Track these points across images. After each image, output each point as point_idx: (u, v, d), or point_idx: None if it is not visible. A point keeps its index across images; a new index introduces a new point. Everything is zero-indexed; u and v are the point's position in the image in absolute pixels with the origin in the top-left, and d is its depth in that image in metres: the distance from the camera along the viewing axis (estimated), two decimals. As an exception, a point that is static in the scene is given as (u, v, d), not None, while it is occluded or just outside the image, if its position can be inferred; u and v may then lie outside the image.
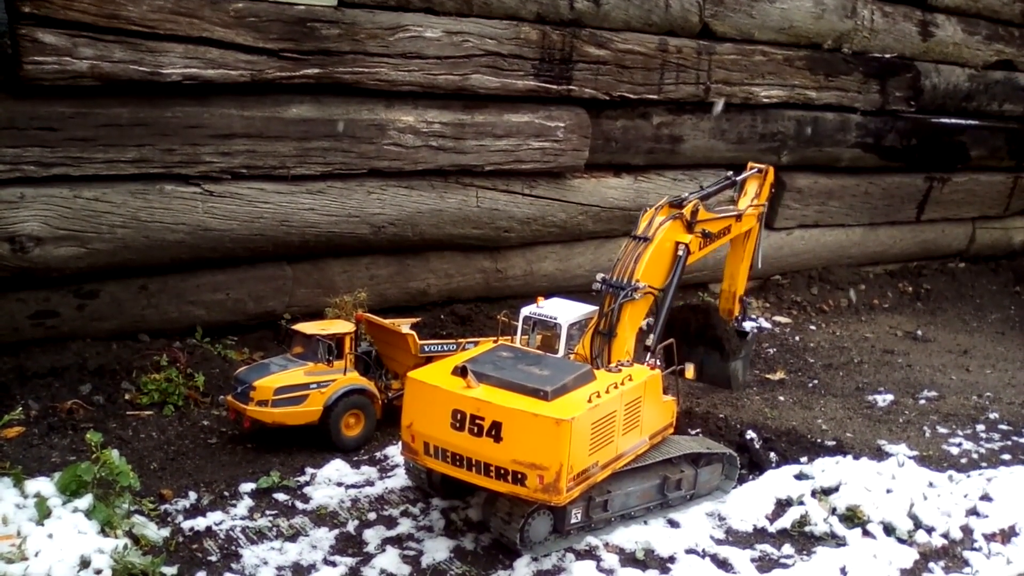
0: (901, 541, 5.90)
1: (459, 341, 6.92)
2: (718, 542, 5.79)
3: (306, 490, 6.02)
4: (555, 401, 5.16)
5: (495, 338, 6.16)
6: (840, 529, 5.95)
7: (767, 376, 8.81)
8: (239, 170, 7.47)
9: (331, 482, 6.12)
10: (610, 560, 5.43)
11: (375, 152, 8.01)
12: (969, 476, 6.75)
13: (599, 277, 5.92)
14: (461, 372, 5.22)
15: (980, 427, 7.96)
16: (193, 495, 5.84)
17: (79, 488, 5.23)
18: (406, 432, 5.37)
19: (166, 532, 5.40)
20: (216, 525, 5.55)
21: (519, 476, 5.06)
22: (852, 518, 6.03)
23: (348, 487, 6.09)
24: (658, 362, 6.07)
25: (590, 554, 5.47)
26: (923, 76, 11.53)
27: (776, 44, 10.27)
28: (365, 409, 6.60)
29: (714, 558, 5.60)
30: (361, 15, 7.68)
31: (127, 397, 6.95)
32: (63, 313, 7.16)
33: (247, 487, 5.98)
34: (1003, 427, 8.00)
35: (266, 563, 5.22)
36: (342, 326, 6.69)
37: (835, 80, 10.81)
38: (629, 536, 5.64)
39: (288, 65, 7.41)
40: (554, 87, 8.79)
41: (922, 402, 8.44)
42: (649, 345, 6.14)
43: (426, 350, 6.75)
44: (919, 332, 10.65)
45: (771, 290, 11.22)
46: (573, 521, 5.43)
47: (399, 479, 6.18)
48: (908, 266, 12.66)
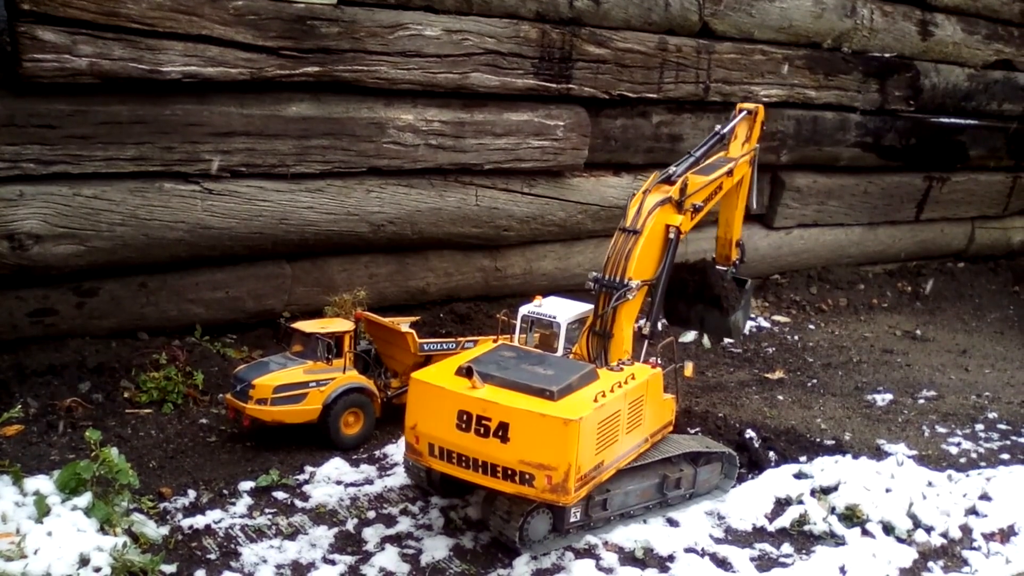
0: (900, 540, 5.90)
1: (458, 340, 6.92)
2: (717, 541, 5.79)
3: (305, 488, 6.01)
4: (561, 401, 5.14)
5: (495, 337, 6.15)
6: (839, 528, 5.95)
7: (766, 375, 8.81)
8: (238, 168, 7.47)
9: (330, 480, 6.12)
10: (609, 559, 5.43)
11: (374, 150, 8.00)
12: (968, 475, 6.75)
13: (591, 276, 5.86)
14: (466, 372, 5.18)
15: (979, 426, 7.96)
16: (192, 493, 5.84)
17: (78, 486, 5.22)
18: (410, 433, 5.33)
19: (165, 530, 5.40)
20: (215, 523, 5.54)
21: (527, 477, 5.04)
22: (851, 517, 6.03)
23: (347, 485, 6.09)
24: (659, 360, 6.05)
25: (589, 553, 5.47)
26: (922, 75, 11.53)
27: (775, 43, 10.27)
28: (364, 407, 6.60)
29: (713, 557, 5.61)
30: (361, 13, 7.67)
31: (126, 395, 6.95)
32: (62, 311, 7.16)
33: (246, 485, 5.98)
34: (1002, 426, 8.00)
35: (265, 561, 5.22)
36: (341, 324, 6.69)
37: (834, 79, 10.81)
38: (628, 535, 5.64)
39: (288, 63, 7.40)
40: (553, 86, 8.78)
41: (921, 401, 8.45)
42: (646, 334, 6.07)
43: (425, 349, 6.76)
44: (918, 332, 10.65)
45: (770, 289, 11.22)
46: (572, 520, 5.43)
47: (398, 477, 6.17)
48: (907, 266, 12.66)
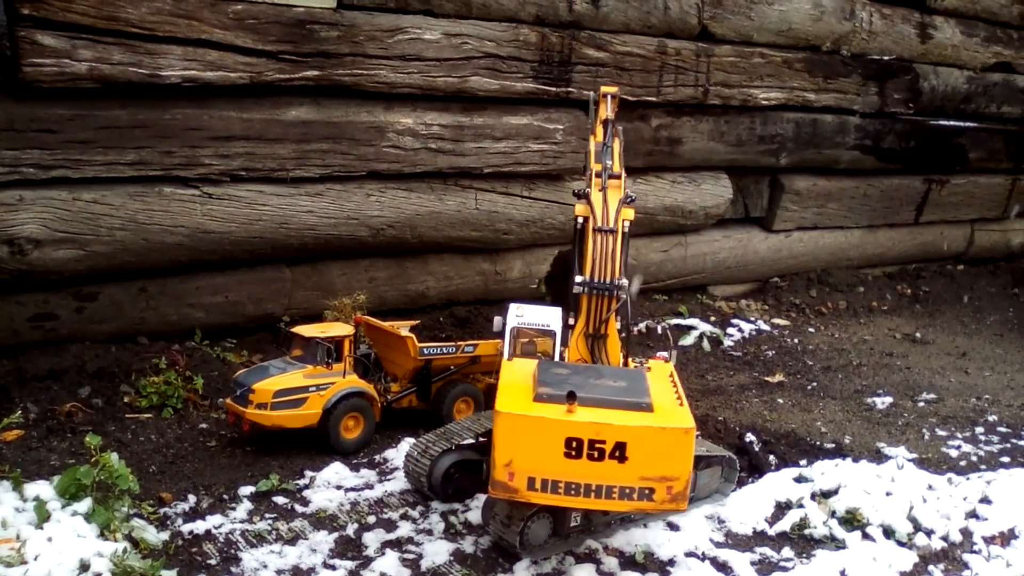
0: (900, 544, 5.89)
1: (458, 344, 6.92)
2: (718, 545, 5.78)
3: (305, 493, 6.01)
4: (658, 411, 5.01)
5: (496, 341, 6.14)
6: (840, 532, 5.94)
7: (766, 379, 8.81)
8: (238, 172, 7.47)
9: (330, 485, 6.11)
10: (609, 563, 5.43)
11: (374, 154, 8.01)
12: (968, 479, 6.74)
13: (578, 279, 5.80)
14: (570, 397, 4.91)
15: (979, 429, 7.96)
16: (192, 498, 5.83)
17: (78, 491, 5.22)
18: (502, 471, 4.89)
19: (165, 535, 5.39)
20: (215, 528, 5.54)
21: (646, 492, 4.90)
22: (851, 521, 6.02)
23: (347, 490, 6.08)
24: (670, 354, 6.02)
25: (589, 557, 5.46)
26: (922, 78, 11.55)
27: (775, 46, 10.28)
28: (364, 412, 6.59)
29: (714, 561, 5.60)
30: (360, 17, 7.68)
31: (126, 400, 6.94)
32: (62, 316, 7.16)
33: (246, 490, 5.97)
34: (1002, 429, 8.00)
35: (265, 566, 5.21)
36: (341, 329, 6.68)
37: (834, 82, 10.83)
38: (628, 539, 5.63)
39: (287, 67, 7.41)
40: (553, 89, 8.80)
41: (921, 404, 8.45)
42: (624, 334, 5.93)
43: (425, 353, 6.76)
44: (918, 334, 10.65)
45: (770, 292, 11.23)
46: (573, 524, 5.42)
47: (398, 482, 6.17)
48: (907, 268, 12.67)
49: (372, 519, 5.77)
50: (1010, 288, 12.91)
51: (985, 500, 6.38)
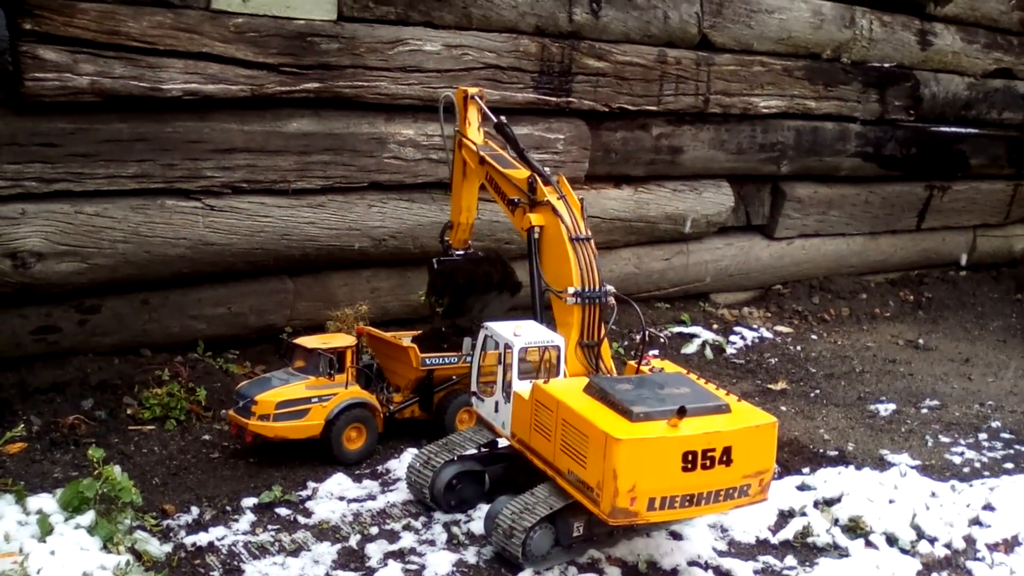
0: (904, 551, 5.88)
1: (460, 354, 6.91)
2: (721, 554, 5.77)
3: (308, 504, 6.01)
4: (736, 409, 5.19)
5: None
6: (843, 540, 5.94)
7: (769, 386, 8.81)
8: (240, 184, 7.49)
9: (333, 496, 6.11)
10: (612, 573, 5.42)
11: (375, 165, 8.03)
12: (972, 485, 6.73)
13: (571, 291, 5.83)
14: (680, 412, 4.94)
15: (982, 436, 7.95)
16: (195, 510, 5.84)
17: (81, 504, 5.22)
18: (625, 497, 4.85)
19: (168, 548, 5.39)
20: (218, 540, 5.54)
21: (745, 488, 5.08)
22: (855, 529, 6.02)
23: (350, 501, 6.08)
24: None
25: (592, 567, 5.46)
26: (922, 85, 11.55)
27: (775, 54, 10.30)
28: (367, 423, 6.59)
29: (717, 570, 5.59)
30: (361, 29, 7.71)
31: (129, 412, 6.94)
32: (65, 328, 7.17)
33: (249, 502, 5.98)
34: (1005, 436, 7.99)
35: (268, 578, 5.22)
36: (343, 340, 6.68)
37: (834, 90, 10.84)
38: (631, 548, 5.62)
39: (288, 80, 7.43)
40: (553, 99, 8.81)
41: (924, 411, 8.44)
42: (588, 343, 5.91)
43: (427, 363, 6.76)
44: (920, 341, 10.64)
45: (772, 300, 11.23)
46: (575, 535, 5.42)
47: (401, 493, 6.17)
48: (909, 275, 12.66)
49: (375, 530, 5.77)
50: (1013, 294, 12.89)
51: (988, 507, 6.38)
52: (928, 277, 12.71)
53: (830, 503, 6.25)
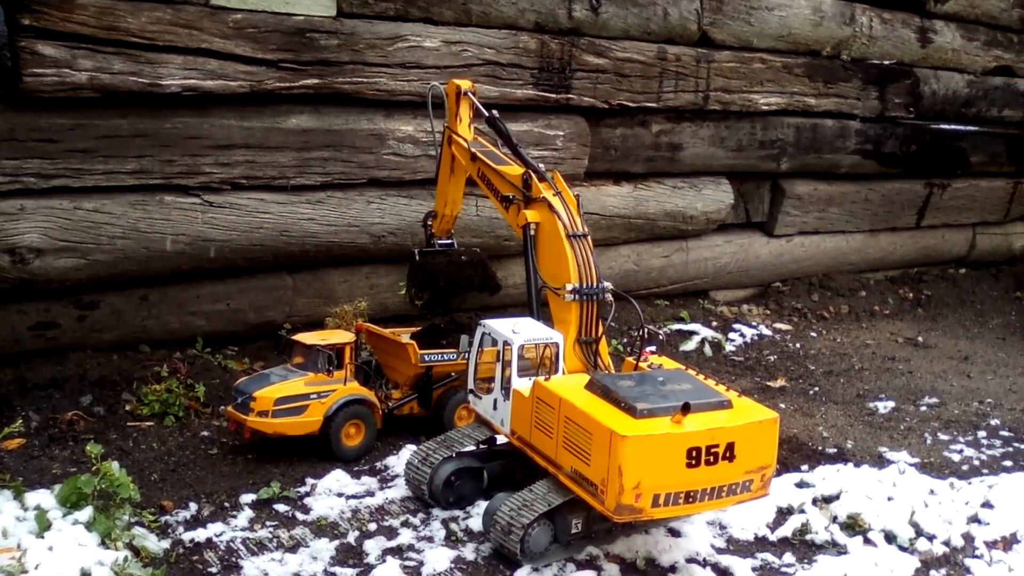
0: (902, 549, 5.89)
1: (459, 351, 6.91)
2: (719, 551, 5.78)
3: (306, 501, 6.01)
4: (738, 405, 5.21)
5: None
6: (841, 537, 5.94)
7: (768, 383, 8.81)
8: (239, 181, 7.49)
9: (331, 492, 6.12)
10: (611, 570, 5.42)
11: (374, 162, 8.02)
12: (970, 483, 6.74)
13: (568, 287, 5.81)
14: (685, 409, 4.95)
15: (981, 434, 7.95)
16: (193, 506, 5.84)
17: (79, 500, 5.22)
18: (630, 494, 4.83)
19: (166, 544, 5.39)
20: (216, 536, 5.54)
21: (747, 484, 5.10)
22: (853, 526, 6.02)
23: (348, 497, 6.08)
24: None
25: (591, 564, 5.46)
26: (922, 82, 11.54)
27: (775, 51, 10.28)
28: (365, 419, 6.60)
29: (715, 567, 5.59)
30: (360, 25, 7.70)
31: (127, 408, 6.95)
32: (63, 324, 7.17)
33: (247, 498, 5.98)
34: (1004, 433, 7.99)
35: (267, 574, 5.21)
36: (342, 336, 6.69)
37: (834, 87, 10.83)
38: (630, 545, 5.62)
39: (287, 76, 7.43)
40: (553, 96, 8.81)
41: (923, 409, 8.44)
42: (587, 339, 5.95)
43: (426, 360, 6.76)
44: (920, 338, 10.64)
45: (771, 297, 11.23)
46: (574, 531, 5.42)
47: (399, 489, 6.17)
48: (909, 272, 12.66)
49: (373, 526, 5.77)
50: (1012, 291, 12.89)
51: (987, 505, 6.38)
52: (927, 275, 12.71)
53: (829, 500, 6.25)
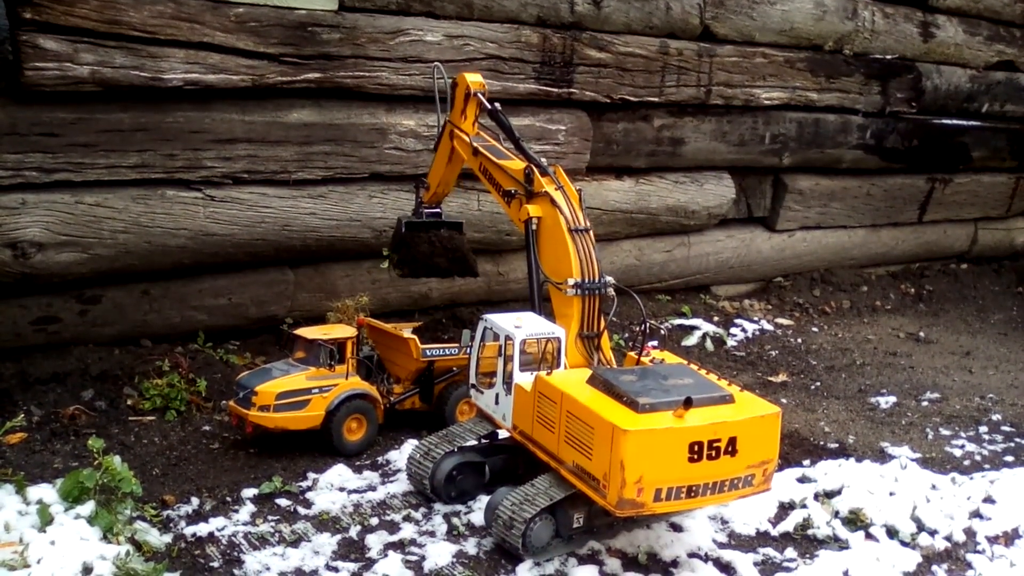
0: (904, 544, 5.89)
1: (461, 345, 6.91)
2: (721, 546, 5.78)
3: (308, 495, 6.01)
4: (739, 399, 5.21)
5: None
6: (843, 532, 5.94)
7: (769, 378, 8.81)
8: (240, 175, 7.48)
9: (333, 487, 6.12)
10: (612, 564, 5.42)
11: (376, 156, 8.02)
12: (972, 478, 6.74)
13: (570, 282, 5.80)
14: (687, 403, 4.96)
15: (983, 429, 7.95)
16: (195, 501, 5.84)
17: (81, 494, 5.23)
18: (632, 488, 4.82)
19: (168, 538, 5.39)
20: (218, 531, 5.54)
21: (749, 479, 5.09)
22: (855, 521, 6.02)
23: (350, 492, 6.09)
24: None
25: (592, 558, 5.46)
26: (924, 77, 11.53)
27: (777, 46, 10.27)
28: (367, 414, 6.59)
29: (717, 562, 5.59)
30: (362, 19, 7.69)
31: (129, 403, 6.95)
32: (65, 319, 7.17)
33: (249, 492, 5.98)
34: (1006, 429, 7.99)
35: (268, 569, 5.21)
36: (344, 331, 6.68)
37: (836, 82, 10.81)
38: (631, 540, 5.62)
39: (289, 70, 7.42)
40: (555, 90, 8.80)
41: (925, 404, 8.44)
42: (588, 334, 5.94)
43: (428, 354, 6.75)
44: (921, 334, 10.64)
45: (773, 292, 11.22)
46: (575, 526, 5.42)
47: (401, 484, 6.17)
48: (910, 267, 12.65)
49: (375, 521, 5.77)
50: (1014, 287, 12.89)
51: (989, 500, 6.38)
52: (929, 270, 12.70)
53: (830, 495, 6.25)
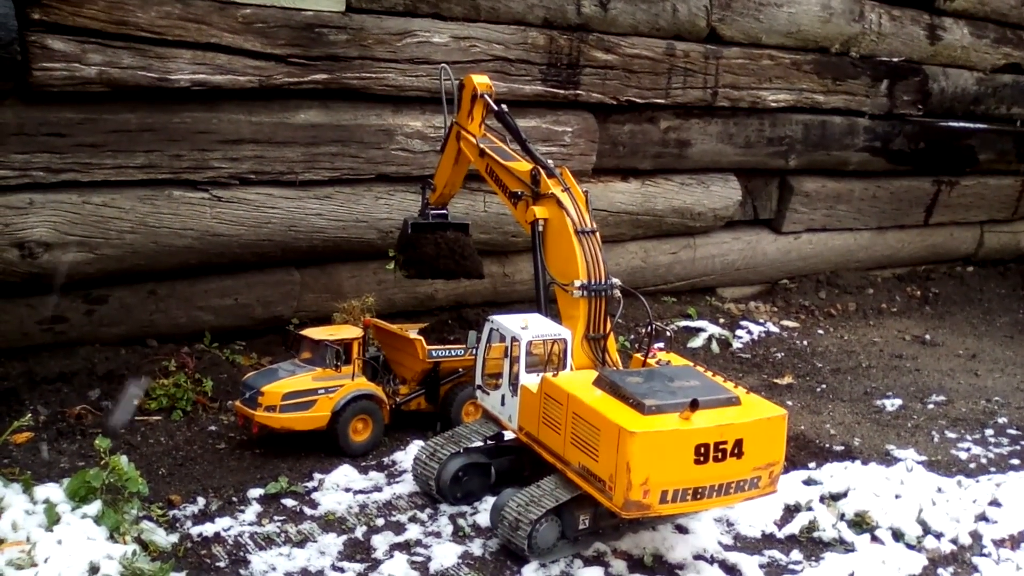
0: (910, 547, 5.88)
1: (467, 346, 6.91)
2: (726, 548, 5.77)
3: (314, 496, 6.02)
4: (746, 401, 5.21)
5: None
6: (849, 535, 5.93)
7: (775, 380, 8.80)
8: (247, 176, 7.49)
9: (339, 488, 6.12)
10: (618, 566, 5.42)
11: (383, 157, 8.03)
12: (978, 481, 6.72)
13: (577, 284, 5.81)
14: (693, 405, 4.96)
15: (989, 432, 7.93)
16: (202, 501, 5.85)
17: (88, 494, 5.23)
18: (638, 490, 4.82)
19: (175, 538, 5.40)
20: (224, 531, 5.55)
21: (755, 480, 5.10)
22: (861, 524, 6.01)
23: (356, 493, 6.09)
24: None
25: (598, 560, 5.46)
26: (931, 80, 11.52)
27: (783, 48, 10.26)
28: (373, 414, 6.60)
29: (722, 564, 5.59)
30: (369, 20, 7.70)
31: (136, 402, 6.95)
32: (72, 318, 7.18)
33: (255, 492, 5.99)
34: (1012, 432, 7.97)
35: (274, 569, 5.22)
36: (350, 331, 6.69)
37: (843, 84, 10.80)
38: (637, 542, 5.62)
39: (296, 71, 7.43)
40: (561, 92, 8.80)
41: (930, 407, 8.42)
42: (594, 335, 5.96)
43: (434, 355, 6.76)
44: (927, 336, 10.62)
45: (779, 294, 11.21)
46: (581, 527, 5.42)
47: (407, 485, 6.18)
48: (916, 270, 12.64)
49: (381, 522, 5.78)
50: (1020, 290, 12.86)
51: (995, 503, 6.37)
52: (935, 272, 12.69)
53: (836, 498, 6.24)
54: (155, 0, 6.79)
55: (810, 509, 6.13)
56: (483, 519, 5.76)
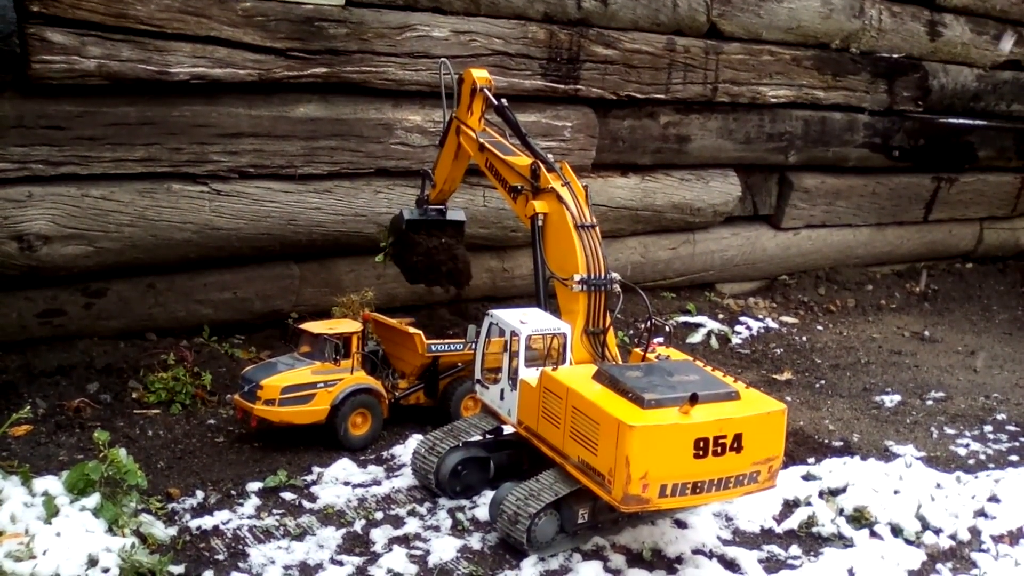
0: (908, 542, 5.88)
1: (466, 341, 6.91)
2: (725, 543, 5.78)
3: (313, 489, 6.02)
4: (745, 396, 5.20)
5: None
6: (847, 530, 5.94)
7: (774, 376, 8.80)
8: (246, 169, 7.49)
9: (338, 481, 6.12)
10: (617, 560, 5.42)
11: (382, 151, 8.02)
12: (977, 477, 6.73)
13: (576, 278, 5.82)
14: (692, 400, 4.95)
15: (988, 428, 7.94)
16: (200, 494, 5.84)
17: (87, 487, 5.22)
18: (637, 484, 4.81)
19: (173, 531, 5.40)
20: (223, 524, 5.55)
21: (755, 475, 5.10)
22: (859, 519, 6.01)
23: (355, 486, 6.09)
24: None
25: (597, 554, 5.46)
26: (931, 76, 11.51)
27: (784, 44, 10.26)
28: (372, 408, 6.60)
29: (721, 559, 5.59)
30: (369, 14, 7.68)
31: (134, 396, 6.95)
32: (70, 312, 7.17)
33: (254, 486, 5.98)
34: (1011, 428, 7.98)
35: (273, 562, 5.22)
36: (349, 325, 6.69)
37: (843, 80, 10.80)
38: (636, 536, 5.63)
39: (295, 64, 7.42)
40: (561, 87, 8.79)
41: (929, 403, 8.43)
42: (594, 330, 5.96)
43: (433, 350, 6.76)
44: (926, 333, 10.62)
45: (778, 290, 11.21)
46: (580, 521, 5.42)
47: (406, 478, 6.18)
48: (915, 266, 12.64)
49: (379, 515, 5.77)
50: (1019, 286, 12.86)
51: (994, 499, 6.37)
52: (934, 269, 12.69)
53: (835, 493, 6.25)
54: (155, -7, 6.80)
55: (809, 504, 6.14)
56: (482, 513, 5.76)
